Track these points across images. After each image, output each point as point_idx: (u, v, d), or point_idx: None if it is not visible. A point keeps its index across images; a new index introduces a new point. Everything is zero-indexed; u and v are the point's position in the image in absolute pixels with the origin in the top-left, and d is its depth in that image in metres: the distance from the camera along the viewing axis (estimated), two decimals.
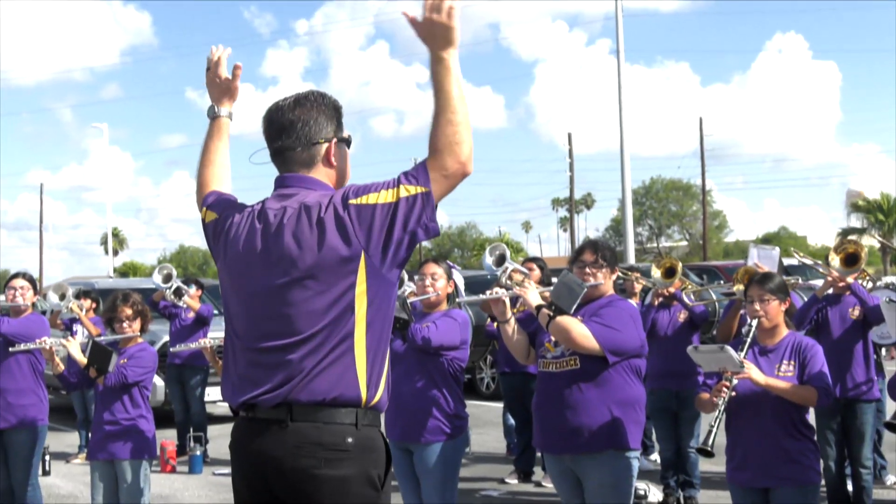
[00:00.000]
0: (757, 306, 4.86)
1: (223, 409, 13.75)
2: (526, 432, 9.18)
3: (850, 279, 6.86)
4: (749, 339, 4.79)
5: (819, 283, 7.66)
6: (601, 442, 5.03)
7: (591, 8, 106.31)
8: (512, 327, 5.38)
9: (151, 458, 6.55)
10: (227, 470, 10.17)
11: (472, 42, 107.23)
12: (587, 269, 5.28)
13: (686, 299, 8.02)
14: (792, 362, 4.74)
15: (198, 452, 10.16)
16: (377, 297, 2.97)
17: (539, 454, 9.18)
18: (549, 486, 8.86)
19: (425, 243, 65.95)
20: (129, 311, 6.38)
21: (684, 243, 66.69)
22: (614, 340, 5.03)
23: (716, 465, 9.15)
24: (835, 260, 6.98)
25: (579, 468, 5.12)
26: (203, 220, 3.32)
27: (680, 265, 8.18)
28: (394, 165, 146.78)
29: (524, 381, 8.93)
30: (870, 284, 7.49)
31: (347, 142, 3.23)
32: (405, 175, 2.97)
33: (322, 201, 2.98)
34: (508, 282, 7.78)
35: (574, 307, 5.07)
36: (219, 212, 3.26)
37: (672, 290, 8.01)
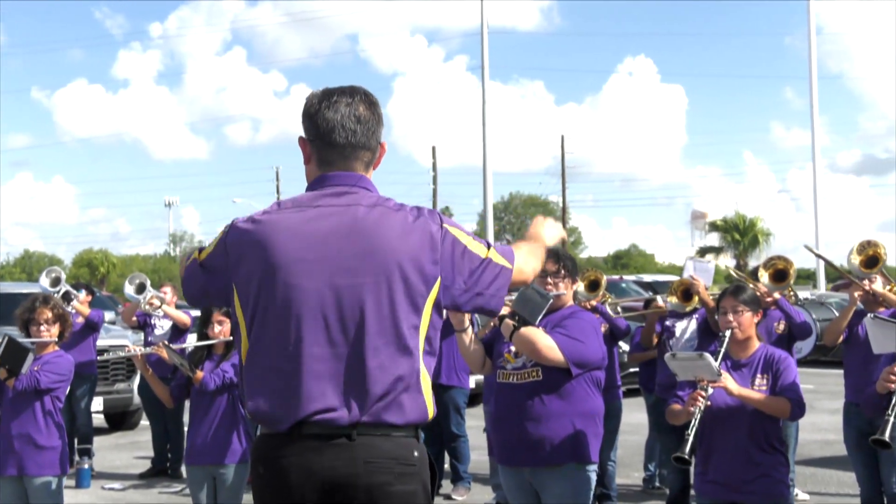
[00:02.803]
0: (731, 317, 4.84)
1: (99, 420, 13.13)
2: (435, 445, 9.05)
3: (777, 294, 6.98)
4: (723, 350, 4.75)
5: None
6: (563, 455, 4.95)
7: (450, 23, 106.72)
8: (469, 336, 5.24)
9: (64, 474, 6.13)
10: (118, 485, 9.76)
11: (330, 53, 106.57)
12: (549, 280, 5.18)
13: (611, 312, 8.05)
14: (765, 376, 4.73)
15: (85, 465, 9.62)
16: (438, 319, 2.90)
17: (448, 466, 9.08)
18: (459, 498, 8.75)
19: None
20: (49, 314, 5.96)
21: None
22: (579, 352, 4.95)
23: (630, 480, 9.23)
24: (764, 276, 7.10)
25: (539, 481, 5.02)
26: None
27: (604, 278, 8.20)
28: (249, 174, 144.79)
29: (437, 392, 8.76)
30: (793, 299, 7.65)
31: None
32: (496, 244, 2.99)
33: (406, 209, 2.88)
34: None
35: (539, 318, 4.96)
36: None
37: (594, 302, 8.01)
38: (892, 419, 4.04)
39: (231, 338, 6.03)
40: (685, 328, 7.72)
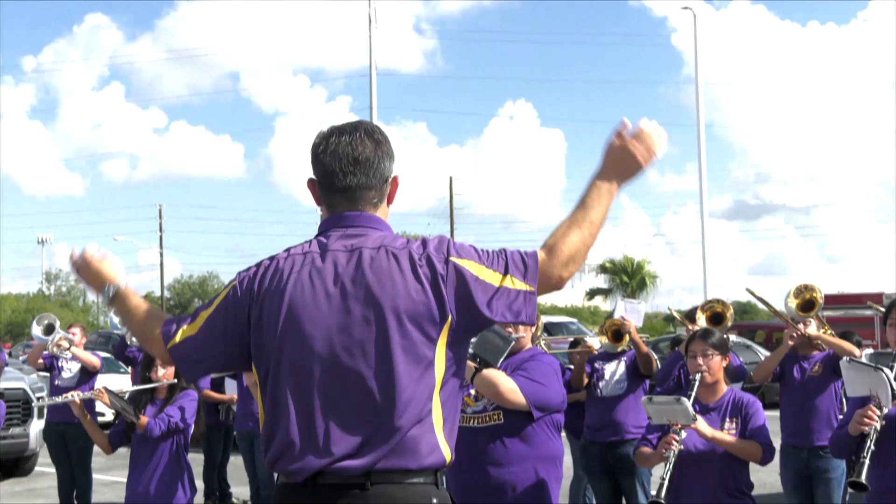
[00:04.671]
0: (700, 361, 4.87)
1: None
2: None
3: None
4: (693, 394, 4.78)
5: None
6: (526, 499, 4.89)
7: (333, 64, 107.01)
8: None
9: None
10: None
11: (212, 90, 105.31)
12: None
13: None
14: (734, 420, 4.76)
15: None
16: (456, 357, 2.79)
17: None
18: None
19: (166, 293, 63.74)
20: None
21: None
22: (540, 395, 4.93)
23: None
24: (701, 319, 7.21)
25: None
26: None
27: (541, 319, 8.19)
28: (127, 212, 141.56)
29: None
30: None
31: None
32: (514, 263, 2.79)
33: (411, 247, 2.77)
34: None
35: (501, 361, 4.93)
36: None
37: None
38: (867, 461, 4.10)
39: (175, 381, 5.82)
40: (614, 370, 7.74)
